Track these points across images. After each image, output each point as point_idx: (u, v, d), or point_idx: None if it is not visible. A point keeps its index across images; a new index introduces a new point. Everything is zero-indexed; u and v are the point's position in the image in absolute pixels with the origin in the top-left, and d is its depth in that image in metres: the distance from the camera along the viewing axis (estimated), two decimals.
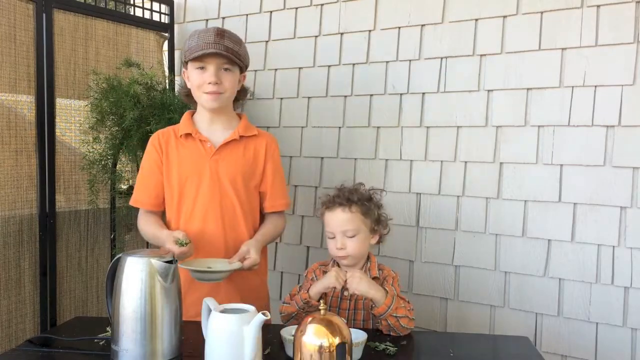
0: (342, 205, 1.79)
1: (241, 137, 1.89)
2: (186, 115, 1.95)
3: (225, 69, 1.83)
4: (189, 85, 1.89)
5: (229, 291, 1.84)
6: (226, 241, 1.86)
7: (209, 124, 1.91)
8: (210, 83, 1.80)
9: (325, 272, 1.83)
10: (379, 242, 1.88)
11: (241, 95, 1.98)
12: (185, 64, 1.88)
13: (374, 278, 1.78)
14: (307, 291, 1.70)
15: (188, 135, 1.88)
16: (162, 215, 1.97)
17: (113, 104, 2.37)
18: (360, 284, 1.64)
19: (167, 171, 1.89)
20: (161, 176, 1.90)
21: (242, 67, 1.89)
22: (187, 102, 2.01)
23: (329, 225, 1.82)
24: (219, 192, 1.85)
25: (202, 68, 1.81)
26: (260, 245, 1.85)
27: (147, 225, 1.91)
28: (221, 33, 1.81)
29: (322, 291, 1.69)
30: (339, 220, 1.79)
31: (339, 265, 1.84)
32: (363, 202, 1.82)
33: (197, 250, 1.84)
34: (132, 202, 1.97)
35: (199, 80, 1.82)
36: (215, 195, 1.85)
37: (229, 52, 1.79)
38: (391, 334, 1.67)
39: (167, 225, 1.93)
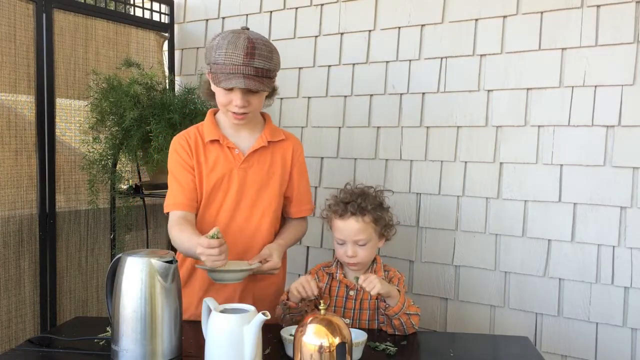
0: (355, 215, 1.76)
1: (269, 142, 1.81)
2: (209, 116, 1.83)
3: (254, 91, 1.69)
4: (213, 89, 1.75)
5: (243, 298, 1.79)
6: (250, 248, 1.80)
7: (235, 129, 1.81)
8: (237, 105, 1.69)
9: (328, 274, 1.83)
10: (384, 243, 1.88)
11: (270, 94, 1.84)
12: (209, 67, 1.72)
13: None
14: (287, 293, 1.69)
15: (214, 141, 1.79)
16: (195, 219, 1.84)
17: (113, 104, 2.37)
18: (382, 285, 1.61)
19: (198, 175, 1.79)
20: (194, 177, 1.78)
21: (274, 78, 1.75)
22: (209, 100, 1.86)
23: (340, 233, 1.79)
24: (246, 200, 1.79)
25: (229, 89, 1.68)
26: (283, 249, 1.79)
27: (181, 233, 1.71)
28: (251, 51, 1.61)
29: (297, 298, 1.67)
30: (352, 229, 1.76)
31: (342, 268, 1.84)
32: (376, 209, 1.79)
33: None
34: (170, 207, 1.77)
35: (225, 99, 1.70)
36: (242, 204, 1.78)
37: (258, 74, 1.63)
38: (397, 333, 1.67)
39: None
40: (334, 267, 1.85)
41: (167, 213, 1.79)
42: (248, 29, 1.72)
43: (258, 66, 1.63)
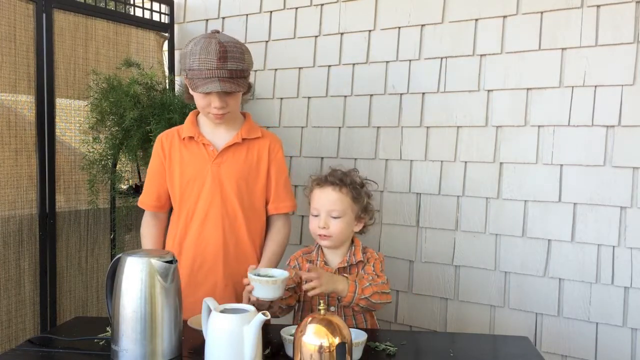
0: (334, 185, 1.78)
1: (243, 139, 1.86)
2: (191, 116, 1.92)
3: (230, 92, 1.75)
4: (191, 92, 1.82)
5: (225, 295, 1.82)
6: (226, 246, 1.84)
7: (213, 127, 1.87)
8: (215, 107, 1.76)
9: (309, 261, 1.82)
10: (362, 231, 1.86)
11: (245, 92, 1.90)
12: (185, 73, 1.80)
13: (359, 262, 1.78)
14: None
15: (191, 138, 1.86)
16: (167, 218, 1.96)
17: (113, 104, 2.37)
18: (322, 286, 1.61)
19: (169, 174, 1.88)
20: (163, 179, 1.89)
21: (248, 77, 1.82)
22: (190, 103, 1.94)
23: (315, 202, 1.80)
24: (220, 196, 1.83)
25: (207, 93, 1.74)
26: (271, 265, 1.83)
27: (145, 238, 1.94)
28: (223, 55, 1.69)
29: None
30: (328, 199, 1.77)
31: (322, 252, 1.82)
32: (355, 186, 1.81)
33: (197, 254, 1.84)
34: (138, 203, 1.99)
35: (203, 103, 1.77)
36: (215, 199, 1.83)
37: (232, 76, 1.71)
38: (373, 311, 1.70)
39: (169, 228, 1.92)
40: (314, 253, 1.84)
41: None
42: (219, 32, 1.79)
43: (232, 68, 1.71)
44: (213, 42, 1.70)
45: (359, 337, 1.49)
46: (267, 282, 1.54)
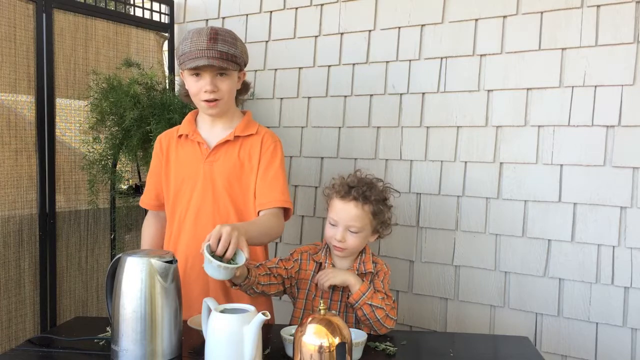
0: (357, 200, 1.74)
1: (237, 137, 1.83)
2: (189, 115, 1.92)
3: (221, 74, 1.76)
4: (186, 84, 1.84)
5: (217, 295, 1.78)
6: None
7: (210, 125, 1.87)
8: (206, 91, 1.75)
9: (316, 262, 1.80)
10: (376, 239, 1.86)
11: (242, 91, 1.93)
12: (178, 60, 1.82)
13: (368, 272, 1.76)
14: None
15: (187, 136, 1.86)
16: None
17: (113, 104, 2.37)
18: (334, 277, 1.66)
19: (165, 173, 1.89)
20: (160, 178, 1.90)
21: (241, 65, 1.83)
22: (187, 102, 1.97)
23: (336, 214, 1.76)
24: (212, 195, 1.82)
25: (197, 75, 1.76)
26: (239, 229, 1.53)
27: (143, 237, 2.01)
28: (214, 37, 1.72)
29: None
30: (349, 214, 1.74)
31: (331, 257, 1.80)
32: (378, 203, 1.77)
33: (189, 254, 1.82)
34: (139, 202, 2.03)
35: (195, 87, 1.77)
36: (207, 198, 1.82)
37: (222, 57, 1.72)
38: (372, 333, 1.66)
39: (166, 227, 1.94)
40: (322, 254, 1.81)
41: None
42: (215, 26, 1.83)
43: (222, 50, 1.73)
44: (206, 27, 1.77)
45: (359, 337, 1.49)
46: (210, 261, 1.43)
